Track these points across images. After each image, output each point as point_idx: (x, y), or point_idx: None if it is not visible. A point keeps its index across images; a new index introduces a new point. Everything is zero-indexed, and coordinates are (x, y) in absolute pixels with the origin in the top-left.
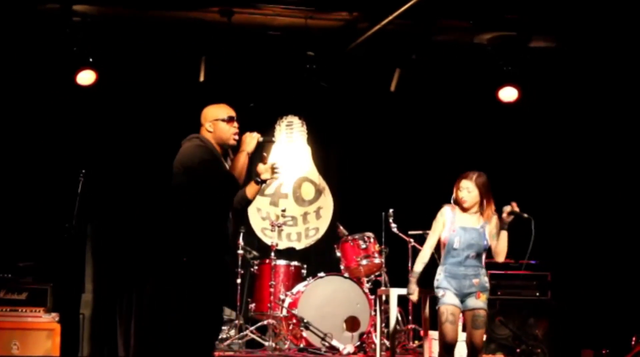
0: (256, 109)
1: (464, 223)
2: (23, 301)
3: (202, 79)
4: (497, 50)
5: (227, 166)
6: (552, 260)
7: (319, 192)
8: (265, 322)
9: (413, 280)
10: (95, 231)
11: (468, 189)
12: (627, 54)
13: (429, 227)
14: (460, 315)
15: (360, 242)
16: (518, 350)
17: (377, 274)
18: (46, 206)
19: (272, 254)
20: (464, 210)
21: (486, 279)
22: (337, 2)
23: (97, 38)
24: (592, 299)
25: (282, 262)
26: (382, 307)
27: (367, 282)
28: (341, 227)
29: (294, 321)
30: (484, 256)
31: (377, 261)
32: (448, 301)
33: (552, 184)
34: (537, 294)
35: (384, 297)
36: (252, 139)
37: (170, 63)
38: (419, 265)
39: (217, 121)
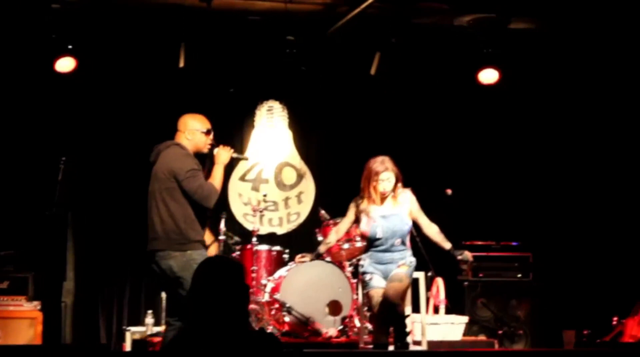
0: (236, 94)
1: (383, 211)
2: (4, 289)
3: (182, 64)
4: (477, 32)
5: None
6: (534, 241)
7: (300, 177)
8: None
9: (312, 254)
10: (76, 219)
11: (389, 180)
12: (606, 34)
13: None
14: None
15: None
16: (500, 332)
17: (358, 258)
18: (26, 194)
19: (254, 239)
20: (372, 198)
21: (412, 258)
22: None
23: (76, 25)
24: (573, 280)
25: (263, 248)
26: (363, 291)
27: (349, 266)
28: (323, 212)
29: (276, 305)
30: (408, 238)
31: (358, 245)
32: (376, 284)
33: (532, 165)
34: (519, 275)
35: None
36: (226, 153)
37: (150, 49)
38: (323, 247)
39: (197, 132)
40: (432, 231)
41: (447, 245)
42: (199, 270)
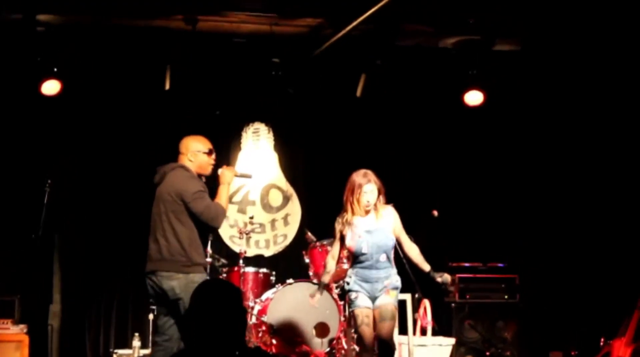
0: (222, 116)
1: (367, 226)
2: None
3: (167, 87)
4: (461, 54)
5: None
6: (520, 263)
7: (286, 199)
8: None
9: (320, 291)
10: (62, 242)
11: (372, 192)
12: (591, 55)
13: None
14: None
15: (329, 247)
16: (487, 353)
17: (345, 280)
18: (12, 217)
19: (241, 261)
20: (356, 213)
21: (397, 277)
22: (302, 8)
23: (62, 48)
24: (560, 301)
25: (250, 270)
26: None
27: (336, 287)
28: (309, 233)
29: (263, 328)
30: (392, 254)
31: (345, 266)
32: (362, 303)
33: (518, 186)
34: (506, 296)
35: (348, 306)
36: (230, 173)
37: (136, 71)
38: (326, 276)
39: (199, 153)
40: (412, 252)
41: (427, 267)
42: (197, 291)
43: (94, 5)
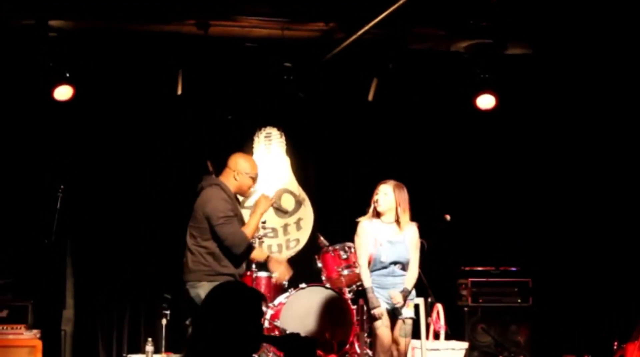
0: (234, 121)
1: (389, 236)
2: (4, 318)
3: (179, 92)
4: (473, 58)
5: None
6: (533, 266)
7: (299, 203)
8: None
9: (373, 294)
10: (75, 247)
11: (385, 193)
12: (603, 58)
13: None
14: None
15: (341, 252)
16: None
17: (358, 283)
18: (25, 222)
19: (253, 265)
20: (379, 215)
21: (413, 290)
22: (313, 13)
23: (74, 53)
24: (573, 305)
25: (263, 274)
26: (365, 317)
27: (349, 292)
28: (322, 238)
29: (276, 332)
30: (407, 266)
31: (358, 270)
32: (384, 306)
33: (531, 190)
34: (519, 300)
35: (365, 307)
36: (267, 202)
37: (148, 76)
38: (369, 281)
39: (246, 175)
40: (411, 272)
41: (408, 287)
42: (211, 293)
43: (106, 11)
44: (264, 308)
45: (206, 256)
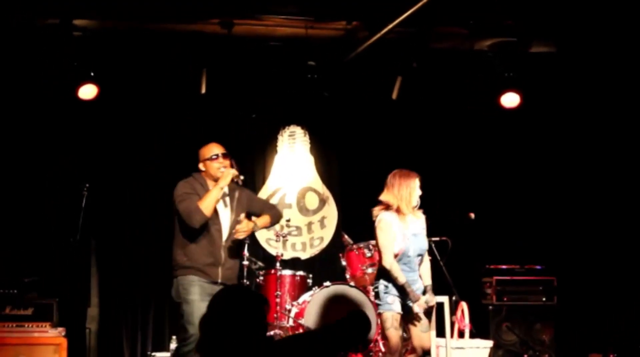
0: (258, 119)
1: (412, 229)
2: (29, 316)
3: (203, 91)
4: (497, 56)
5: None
6: (558, 265)
7: (322, 202)
8: (272, 332)
9: (412, 290)
10: (100, 245)
11: (420, 188)
12: (627, 57)
13: (433, 234)
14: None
15: (366, 250)
16: (525, 356)
17: (381, 282)
18: (50, 221)
19: (277, 264)
20: (403, 212)
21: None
22: (337, 12)
23: (98, 52)
24: (598, 303)
25: (287, 273)
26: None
27: (373, 290)
28: (346, 236)
29: (301, 330)
30: None
31: (370, 270)
32: (395, 308)
33: (556, 188)
34: (544, 299)
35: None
36: (227, 174)
37: (172, 75)
38: (403, 276)
39: (206, 161)
40: (427, 265)
41: (427, 282)
42: (214, 299)
43: (130, 10)
44: (287, 306)
45: (175, 249)
